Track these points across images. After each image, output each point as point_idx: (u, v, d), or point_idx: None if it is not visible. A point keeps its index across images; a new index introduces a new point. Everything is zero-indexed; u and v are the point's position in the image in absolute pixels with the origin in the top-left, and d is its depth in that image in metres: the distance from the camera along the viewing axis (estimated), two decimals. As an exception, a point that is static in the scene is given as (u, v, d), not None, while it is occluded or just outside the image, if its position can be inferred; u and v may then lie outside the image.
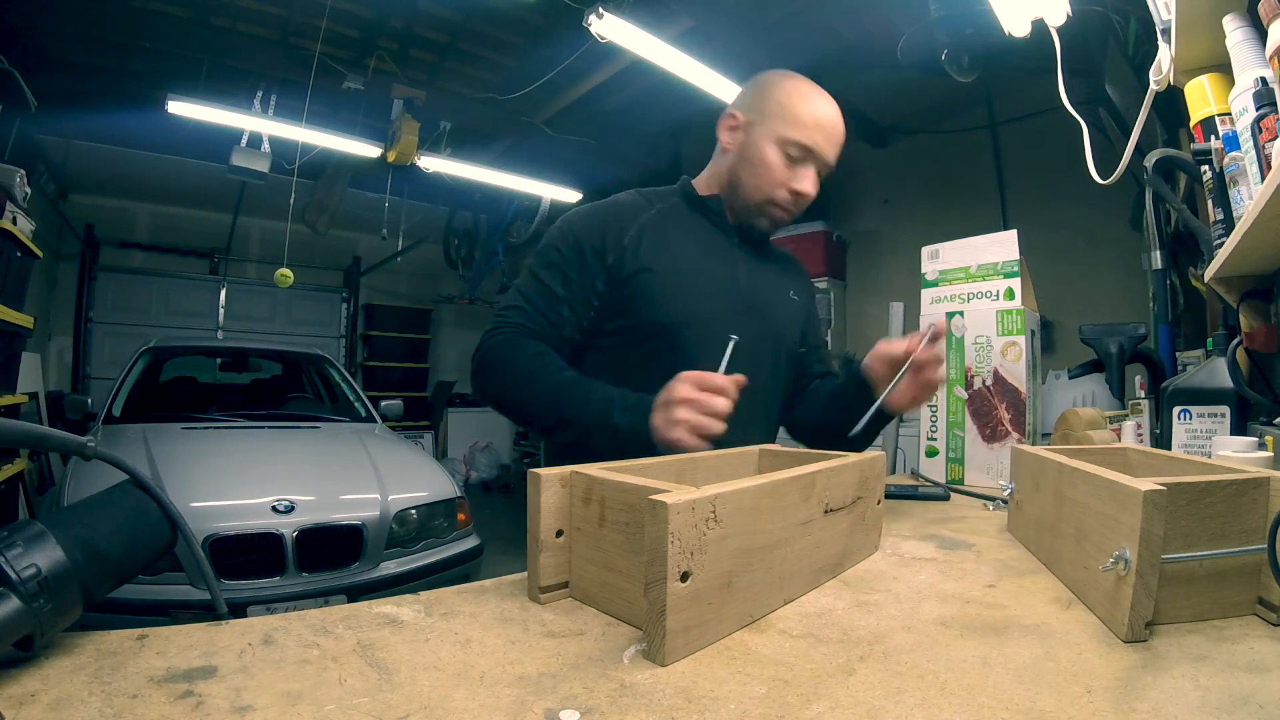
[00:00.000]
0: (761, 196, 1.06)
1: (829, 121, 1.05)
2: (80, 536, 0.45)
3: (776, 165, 1.04)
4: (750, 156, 1.06)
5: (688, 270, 1.04)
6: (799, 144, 1.03)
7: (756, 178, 1.06)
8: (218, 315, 6.51)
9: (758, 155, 1.05)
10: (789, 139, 1.03)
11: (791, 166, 1.04)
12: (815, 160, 1.05)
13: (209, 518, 2.17)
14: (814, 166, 1.05)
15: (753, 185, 1.06)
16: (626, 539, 0.53)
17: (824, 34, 3.75)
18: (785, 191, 1.05)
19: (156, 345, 3.89)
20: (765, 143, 1.04)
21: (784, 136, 1.03)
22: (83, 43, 4.05)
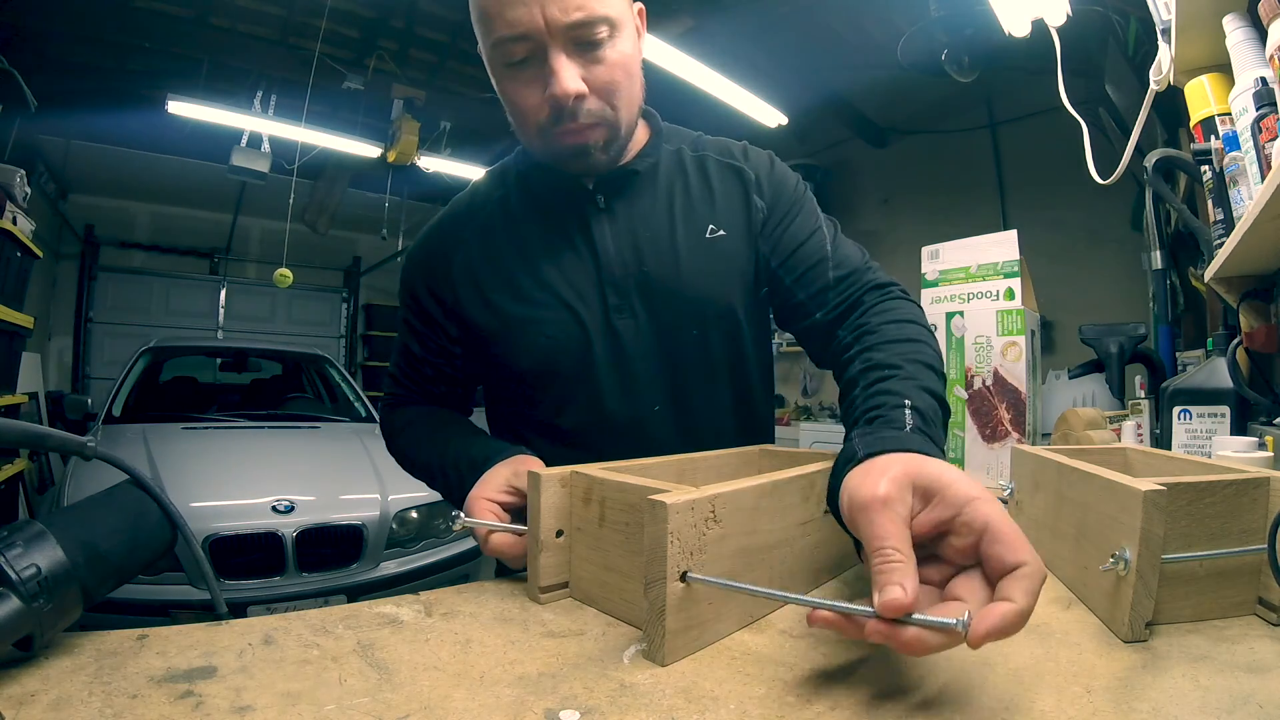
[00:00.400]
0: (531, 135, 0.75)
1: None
2: (80, 536, 0.45)
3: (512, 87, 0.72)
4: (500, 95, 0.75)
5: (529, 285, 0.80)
6: (503, 39, 0.68)
7: (514, 114, 0.75)
8: (218, 315, 6.51)
9: (499, 90, 0.74)
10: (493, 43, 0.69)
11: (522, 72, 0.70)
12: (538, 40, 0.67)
13: (209, 518, 2.17)
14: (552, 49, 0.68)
15: (519, 126, 0.76)
16: (627, 539, 0.53)
17: (824, 34, 3.75)
18: (543, 111, 0.71)
19: (156, 345, 3.89)
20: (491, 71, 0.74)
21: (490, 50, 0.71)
22: (83, 43, 4.05)
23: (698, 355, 0.83)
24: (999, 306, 1.30)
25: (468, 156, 4.94)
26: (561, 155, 0.76)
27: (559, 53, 0.68)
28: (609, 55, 0.70)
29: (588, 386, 0.81)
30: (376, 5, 3.87)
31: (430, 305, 0.86)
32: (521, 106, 0.72)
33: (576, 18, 0.66)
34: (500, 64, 0.71)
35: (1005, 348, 1.29)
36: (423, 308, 0.87)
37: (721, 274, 0.83)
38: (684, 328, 0.82)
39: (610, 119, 0.74)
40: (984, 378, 1.30)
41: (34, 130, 4.19)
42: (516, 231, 0.84)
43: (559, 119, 0.71)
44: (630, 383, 0.82)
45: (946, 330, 1.36)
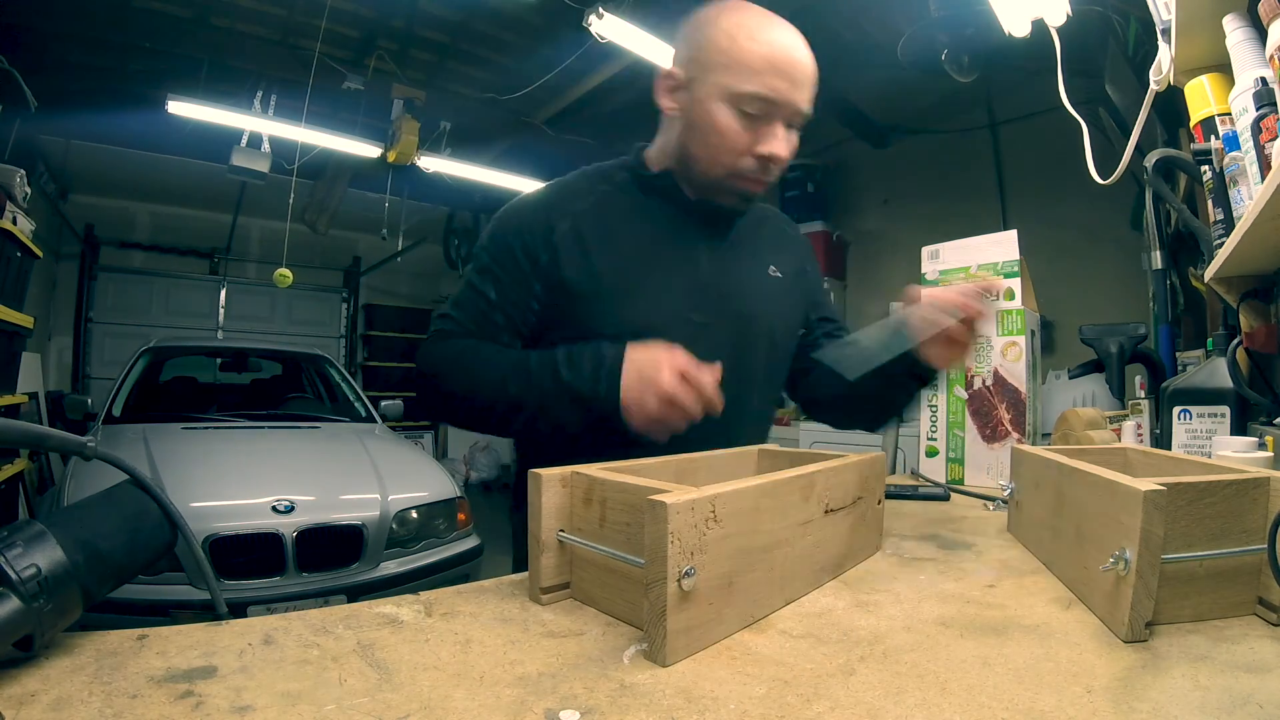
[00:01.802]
0: (721, 170, 0.86)
1: (789, 57, 0.82)
2: (80, 536, 0.45)
3: (731, 129, 0.83)
4: (698, 122, 0.85)
5: (634, 268, 0.89)
6: (755, 96, 0.81)
7: (710, 148, 0.85)
8: (218, 315, 6.51)
9: (707, 120, 0.84)
10: (741, 92, 0.81)
11: (751, 126, 0.83)
12: (781, 111, 0.83)
13: (209, 518, 2.17)
14: (780, 119, 0.83)
15: (707, 157, 0.86)
16: (627, 539, 0.53)
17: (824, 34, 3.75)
18: (750, 159, 0.85)
19: (156, 345, 3.89)
20: (712, 102, 0.83)
21: (734, 90, 0.81)
22: (83, 43, 4.04)
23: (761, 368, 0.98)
24: (999, 306, 1.30)
25: (468, 156, 4.94)
26: (733, 191, 0.90)
27: (782, 124, 0.85)
28: (795, 141, 0.88)
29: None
30: (376, 5, 3.87)
31: (522, 259, 0.89)
32: (730, 143, 0.84)
33: (802, 107, 0.85)
34: (731, 103, 0.83)
35: (1005, 348, 1.29)
36: (515, 259, 0.90)
37: (776, 307, 1.00)
38: (743, 334, 0.95)
39: (773, 183, 0.92)
40: (984, 378, 1.30)
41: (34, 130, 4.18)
42: (627, 219, 0.93)
43: (759, 170, 0.87)
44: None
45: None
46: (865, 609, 0.57)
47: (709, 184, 0.90)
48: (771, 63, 0.81)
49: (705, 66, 0.84)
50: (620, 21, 3.01)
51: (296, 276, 4.81)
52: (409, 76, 4.38)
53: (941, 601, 0.59)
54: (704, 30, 0.85)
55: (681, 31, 0.90)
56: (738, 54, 0.81)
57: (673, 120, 0.91)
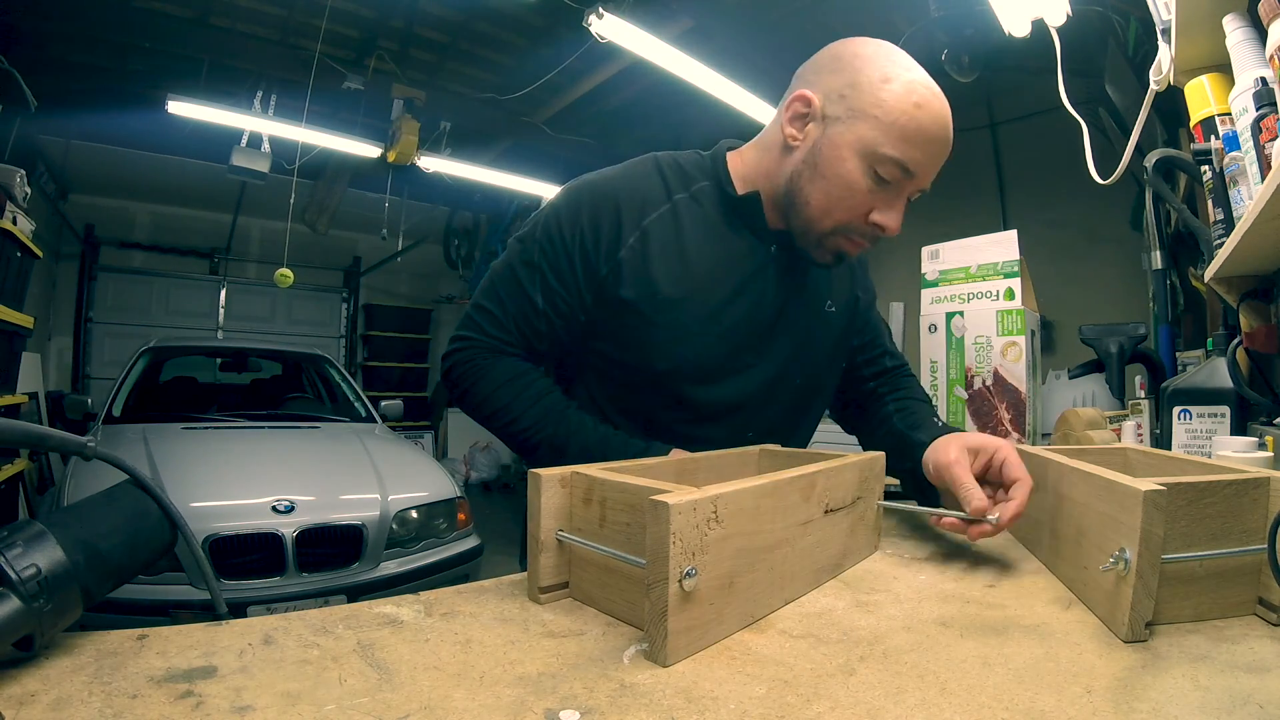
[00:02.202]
0: (831, 223, 0.81)
1: (942, 138, 0.77)
2: (80, 536, 0.45)
3: (859, 186, 0.77)
4: (825, 166, 0.79)
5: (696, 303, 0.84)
6: (897, 163, 0.75)
7: (829, 197, 0.79)
8: (218, 315, 6.51)
9: (836, 167, 0.78)
10: (886, 156, 0.75)
11: (878, 189, 0.78)
12: (911, 185, 0.79)
13: (209, 518, 2.17)
14: (906, 192, 0.79)
15: (822, 206, 0.80)
16: (627, 539, 0.53)
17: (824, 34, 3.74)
18: (862, 220, 0.80)
19: (156, 345, 3.89)
20: (849, 151, 0.77)
21: (879, 151, 0.75)
22: (83, 43, 4.05)
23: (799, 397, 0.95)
24: (999, 306, 1.30)
25: (468, 156, 4.94)
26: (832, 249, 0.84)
27: (905, 199, 0.81)
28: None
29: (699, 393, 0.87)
30: (376, 5, 3.87)
31: (580, 268, 0.83)
32: (854, 201, 0.79)
33: (928, 185, 0.81)
34: (864, 161, 0.77)
35: (1005, 348, 1.29)
36: (571, 265, 0.84)
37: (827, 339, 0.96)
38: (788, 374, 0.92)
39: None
40: (984, 378, 1.30)
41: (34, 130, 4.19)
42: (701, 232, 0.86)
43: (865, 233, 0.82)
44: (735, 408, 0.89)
45: (946, 330, 1.36)
46: (865, 609, 0.57)
47: (809, 232, 0.83)
48: (926, 136, 0.76)
49: (854, 110, 0.77)
50: (620, 21, 3.01)
51: (296, 276, 4.81)
52: (409, 76, 4.38)
53: (941, 601, 0.59)
54: (864, 70, 0.77)
55: (830, 55, 0.82)
56: (895, 114, 0.75)
57: (788, 149, 0.83)
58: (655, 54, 3.26)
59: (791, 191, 0.82)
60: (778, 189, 0.85)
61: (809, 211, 0.81)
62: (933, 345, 1.37)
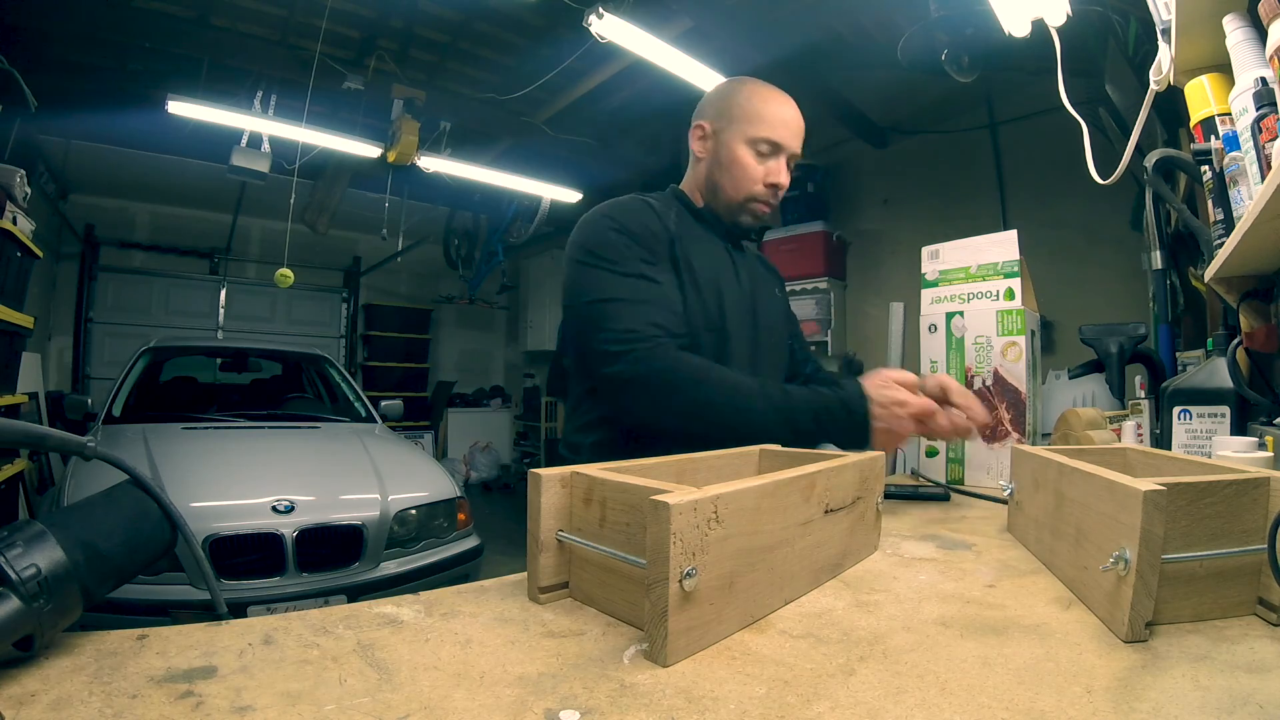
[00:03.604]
0: (742, 195, 1.13)
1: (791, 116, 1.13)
2: (80, 536, 0.45)
3: (750, 163, 1.11)
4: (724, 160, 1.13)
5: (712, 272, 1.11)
6: (767, 140, 1.10)
7: (734, 178, 1.13)
8: (218, 315, 6.51)
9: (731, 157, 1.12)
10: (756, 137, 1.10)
11: (763, 162, 1.12)
12: (783, 152, 1.13)
13: (209, 518, 2.17)
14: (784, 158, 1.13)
15: (731, 186, 1.13)
16: (628, 539, 0.53)
17: (824, 34, 3.75)
18: (761, 186, 1.13)
19: (156, 345, 3.89)
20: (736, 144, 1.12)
21: (752, 136, 1.10)
22: (83, 43, 4.05)
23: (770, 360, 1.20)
24: (999, 306, 1.30)
25: (468, 156, 4.94)
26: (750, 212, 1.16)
27: (784, 162, 1.14)
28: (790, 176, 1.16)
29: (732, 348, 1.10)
30: (376, 5, 3.87)
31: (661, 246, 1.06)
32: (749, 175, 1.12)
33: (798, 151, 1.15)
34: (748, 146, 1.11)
35: (1005, 348, 1.29)
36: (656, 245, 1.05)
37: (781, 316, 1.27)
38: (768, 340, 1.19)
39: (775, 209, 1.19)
40: (984, 378, 1.30)
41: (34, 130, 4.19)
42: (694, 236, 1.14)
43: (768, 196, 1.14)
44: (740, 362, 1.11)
45: (946, 330, 1.36)
46: (865, 609, 0.57)
47: (731, 208, 1.15)
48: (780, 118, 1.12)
49: (730, 119, 1.13)
50: (620, 21, 3.01)
51: (296, 276, 4.81)
52: (409, 76, 4.38)
53: (941, 601, 0.59)
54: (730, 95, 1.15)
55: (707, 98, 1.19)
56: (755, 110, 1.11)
57: (700, 162, 1.18)
58: (655, 54, 3.26)
59: (712, 185, 1.17)
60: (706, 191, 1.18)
61: (725, 193, 1.15)
62: (933, 345, 1.37)
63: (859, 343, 4.86)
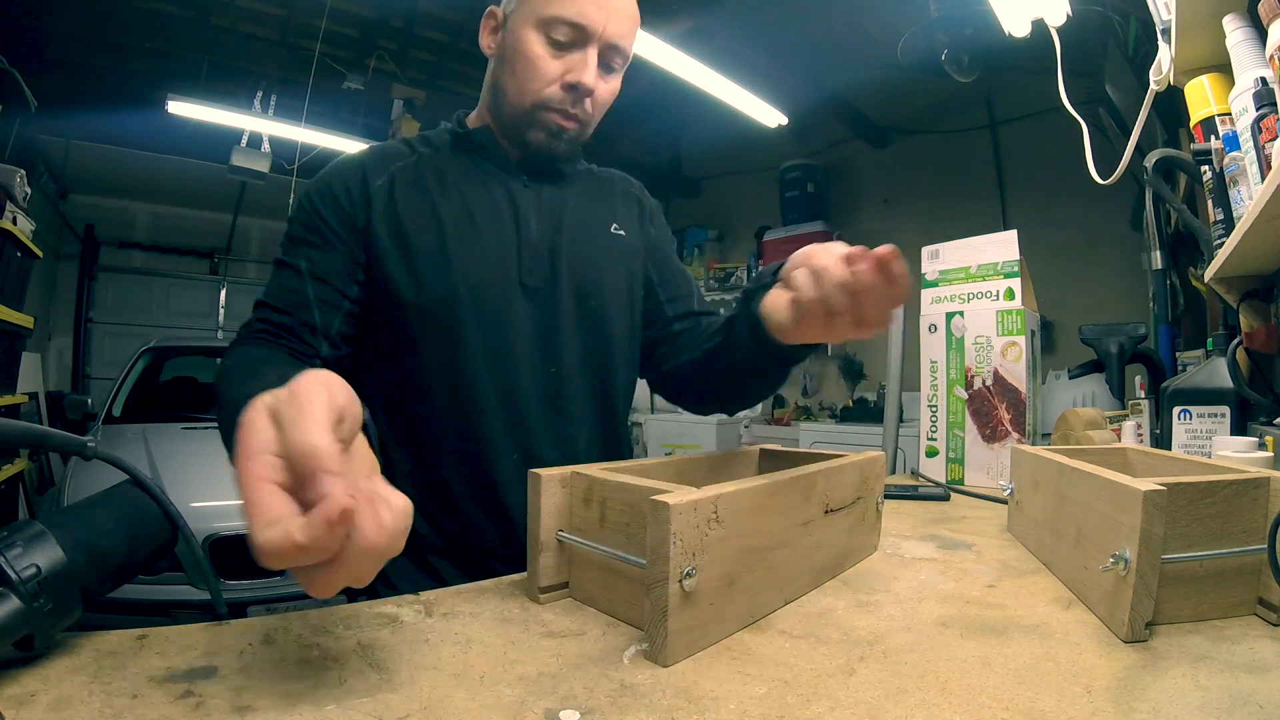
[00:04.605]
0: (529, 99, 0.82)
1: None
2: (80, 536, 0.45)
3: (539, 55, 0.80)
4: (510, 53, 0.82)
5: (451, 229, 0.83)
6: (563, 21, 0.78)
7: (517, 77, 0.82)
8: (218, 315, 6.50)
9: (516, 48, 0.81)
10: (549, 17, 0.79)
11: (561, 54, 0.80)
12: (591, 41, 0.80)
13: (209, 518, 2.17)
14: (592, 49, 0.80)
15: (515, 88, 0.82)
16: (627, 539, 0.53)
17: (824, 34, 3.75)
18: (556, 87, 0.81)
19: (156, 345, 3.89)
20: (523, 30, 0.80)
21: (542, 15, 0.79)
22: (83, 43, 4.04)
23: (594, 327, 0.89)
24: (999, 306, 1.30)
25: (468, 156, 4.94)
26: (541, 126, 0.83)
27: (594, 55, 0.81)
28: (613, 82, 0.86)
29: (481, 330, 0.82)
30: (376, 5, 3.87)
31: (335, 223, 0.82)
32: (538, 70, 0.80)
33: (618, 41, 0.82)
34: (539, 31, 0.79)
35: (1005, 348, 1.29)
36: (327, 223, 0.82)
37: (621, 263, 0.93)
38: (587, 298, 0.88)
39: (586, 123, 0.86)
40: (984, 378, 1.30)
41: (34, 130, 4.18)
42: (443, 179, 0.86)
43: (565, 101, 0.82)
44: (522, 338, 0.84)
45: (946, 330, 1.36)
46: (865, 609, 0.57)
47: (518, 121, 0.84)
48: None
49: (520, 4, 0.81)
50: (620, 21, 3.01)
51: (296, 276, 4.80)
52: (409, 76, 4.38)
53: (941, 601, 0.59)
54: None
55: None
56: None
57: (490, 62, 0.88)
58: (655, 54, 3.26)
59: (495, 95, 0.86)
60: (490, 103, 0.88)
61: (509, 98, 0.84)
62: (933, 345, 1.37)
63: (859, 343, 4.86)
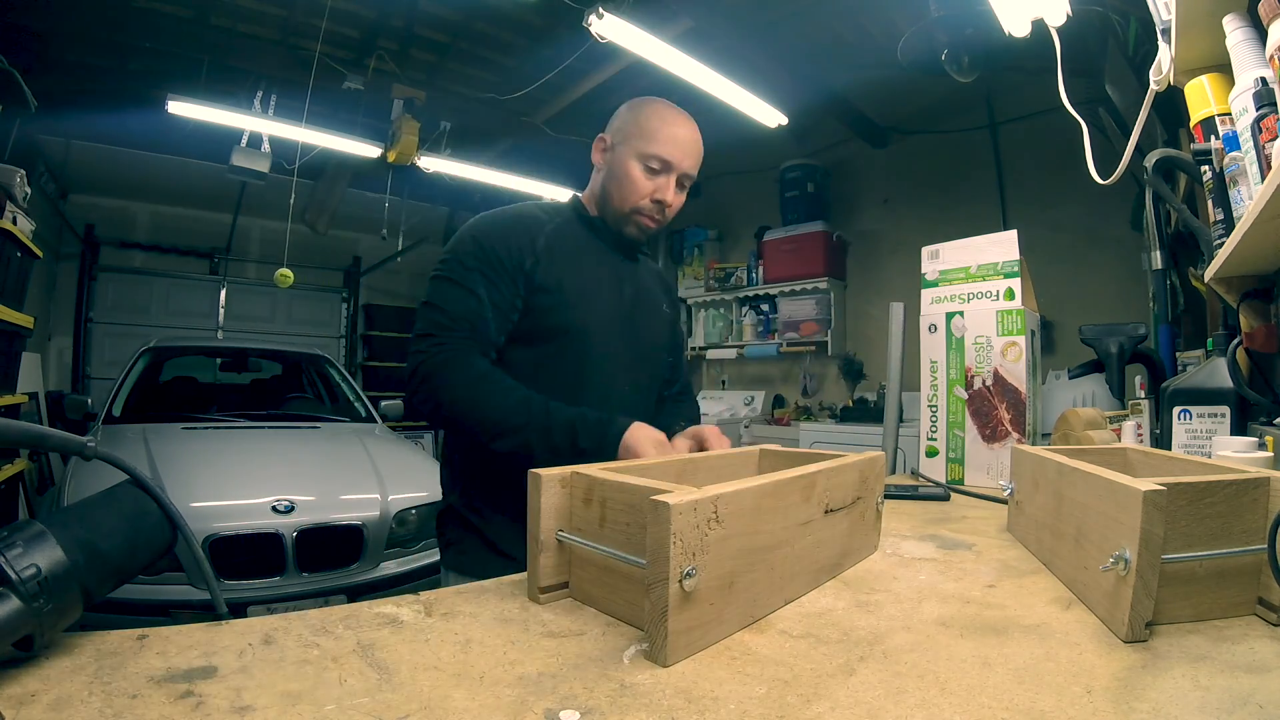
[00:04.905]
0: (628, 207, 1.17)
1: (684, 136, 1.17)
2: (80, 536, 0.45)
3: (638, 178, 1.15)
4: (615, 172, 1.18)
5: (585, 281, 1.16)
6: (657, 157, 1.14)
7: (621, 190, 1.17)
8: (218, 315, 6.50)
9: (621, 170, 1.16)
10: (647, 153, 1.14)
11: (651, 178, 1.16)
12: (673, 171, 1.16)
13: (209, 518, 2.17)
14: (673, 176, 1.16)
15: (619, 197, 1.18)
16: (628, 539, 0.53)
17: (824, 34, 3.75)
18: (648, 201, 1.16)
19: (156, 345, 3.89)
20: (628, 159, 1.16)
21: (643, 152, 1.14)
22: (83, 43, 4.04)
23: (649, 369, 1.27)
24: (999, 306, 1.30)
25: (468, 156, 4.93)
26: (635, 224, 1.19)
27: (674, 180, 1.17)
28: (683, 196, 1.21)
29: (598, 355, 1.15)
30: (376, 5, 3.86)
31: (508, 262, 1.09)
32: (637, 189, 1.16)
33: (690, 171, 1.18)
34: (638, 161, 1.15)
35: (1005, 348, 1.29)
36: (503, 262, 1.09)
37: (665, 332, 1.32)
38: (648, 349, 1.26)
39: (663, 224, 1.22)
40: (984, 378, 1.30)
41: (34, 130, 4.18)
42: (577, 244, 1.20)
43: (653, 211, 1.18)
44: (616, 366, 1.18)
45: (946, 330, 1.36)
46: (865, 609, 0.57)
47: (618, 218, 1.19)
48: (672, 137, 1.15)
49: (627, 135, 1.17)
50: (620, 21, 3.01)
51: (296, 277, 4.79)
52: (409, 76, 4.37)
53: (941, 601, 0.59)
54: (629, 112, 1.20)
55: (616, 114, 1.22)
56: (650, 128, 1.16)
57: (598, 172, 1.22)
58: (655, 54, 3.25)
59: (603, 195, 1.21)
60: (599, 201, 1.23)
61: (613, 203, 1.19)
62: (933, 345, 1.37)
63: (859, 343, 4.86)
